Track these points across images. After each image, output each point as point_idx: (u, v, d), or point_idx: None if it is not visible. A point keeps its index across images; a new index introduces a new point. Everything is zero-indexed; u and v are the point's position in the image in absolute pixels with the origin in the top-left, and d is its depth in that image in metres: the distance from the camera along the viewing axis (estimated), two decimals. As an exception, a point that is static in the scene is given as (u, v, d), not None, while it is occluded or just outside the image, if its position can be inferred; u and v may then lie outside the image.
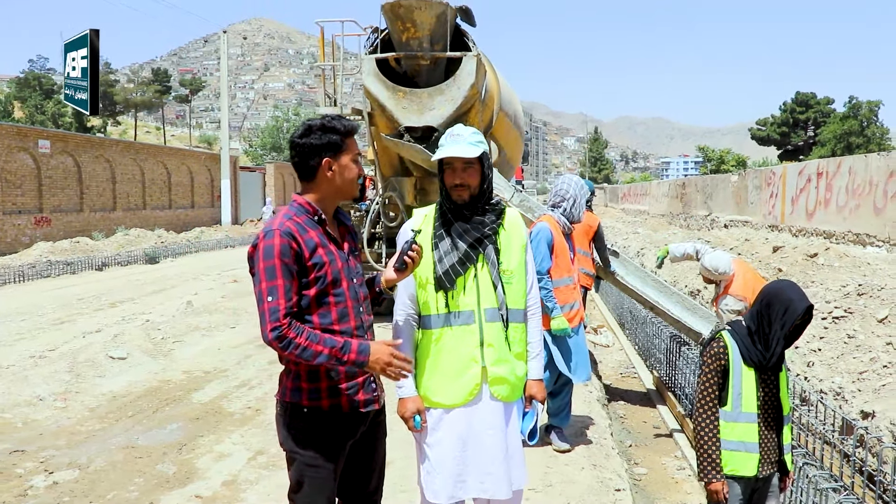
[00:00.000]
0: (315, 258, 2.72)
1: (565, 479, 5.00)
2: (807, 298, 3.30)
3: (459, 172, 3.08)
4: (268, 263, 2.65)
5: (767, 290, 3.38)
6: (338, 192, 2.87)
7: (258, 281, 2.67)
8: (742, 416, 3.34)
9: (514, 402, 3.17)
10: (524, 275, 3.22)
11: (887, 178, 17.88)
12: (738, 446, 3.35)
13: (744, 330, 3.39)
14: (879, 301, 8.88)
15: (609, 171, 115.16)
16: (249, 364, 8.46)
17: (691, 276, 14.86)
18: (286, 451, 2.85)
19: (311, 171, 2.81)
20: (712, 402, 3.36)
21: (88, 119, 72.00)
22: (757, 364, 3.34)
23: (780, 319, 3.25)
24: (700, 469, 3.39)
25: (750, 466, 3.35)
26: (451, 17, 9.49)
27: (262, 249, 2.68)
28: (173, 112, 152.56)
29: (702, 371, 3.44)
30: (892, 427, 6.15)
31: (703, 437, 3.36)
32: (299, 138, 2.79)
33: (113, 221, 28.04)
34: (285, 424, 2.83)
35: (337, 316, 2.78)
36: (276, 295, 2.62)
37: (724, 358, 3.36)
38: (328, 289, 2.76)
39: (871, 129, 54.37)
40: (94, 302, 13.25)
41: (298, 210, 2.81)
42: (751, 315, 3.40)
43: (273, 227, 2.71)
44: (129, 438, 5.93)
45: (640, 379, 9.08)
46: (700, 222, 32.58)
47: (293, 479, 2.86)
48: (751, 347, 3.33)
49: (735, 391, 3.34)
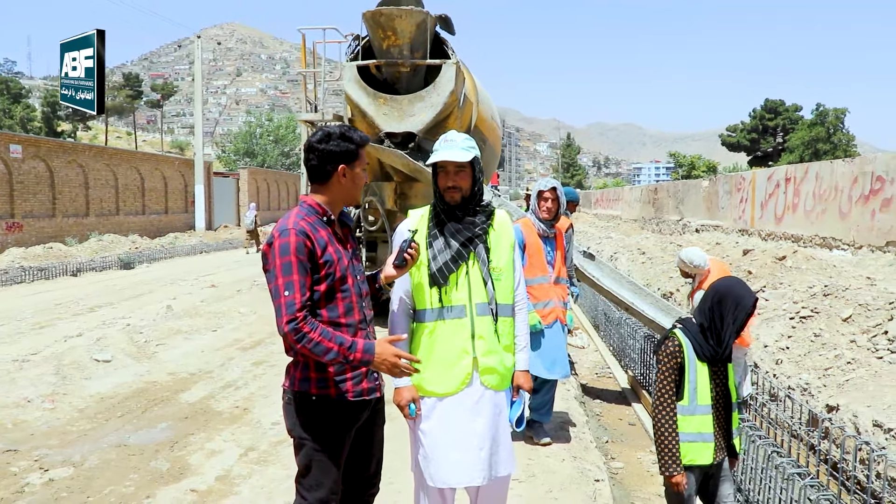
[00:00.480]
0: (326, 256, 2.91)
1: (547, 470, 5.21)
2: (753, 293, 3.55)
3: (452, 175, 3.29)
4: (284, 260, 2.82)
5: (717, 288, 3.59)
6: (346, 197, 3.08)
7: (274, 277, 2.83)
8: (698, 409, 3.55)
9: (502, 391, 3.37)
10: (512, 272, 3.43)
11: (852, 184, 18.35)
12: (695, 437, 3.55)
13: (695, 327, 3.60)
14: (844, 301, 9.19)
15: (582, 177, 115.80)
16: (233, 366, 8.59)
17: (664, 279, 15.17)
18: (295, 437, 3.02)
19: (326, 175, 3.00)
20: (671, 399, 3.55)
21: (58, 124, 71.34)
22: (710, 358, 3.56)
23: (731, 314, 3.48)
24: (661, 463, 3.58)
25: (706, 455, 3.57)
26: (430, 26, 9.68)
27: (278, 247, 2.84)
28: (144, 117, 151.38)
29: (658, 369, 3.62)
30: (855, 419, 6.44)
31: (664, 432, 3.54)
32: (318, 143, 2.98)
33: (86, 227, 27.88)
34: (294, 412, 2.99)
35: (344, 310, 2.98)
36: (292, 289, 2.79)
37: (680, 356, 3.55)
38: (336, 285, 2.95)
39: (837, 135, 55.32)
40: (73, 307, 13.25)
41: (309, 211, 2.99)
42: (701, 312, 3.60)
43: (288, 225, 2.88)
44: (121, 437, 6.04)
45: (616, 378, 9.30)
46: (672, 227, 33.04)
47: (301, 463, 3.02)
48: (703, 343, 3.55)
49: (691, 386, 3.54)
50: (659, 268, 16.90)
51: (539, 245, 5.77)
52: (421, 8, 9.50)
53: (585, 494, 4.84)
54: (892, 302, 8.70)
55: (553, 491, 4.85)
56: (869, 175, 17.65)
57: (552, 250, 5.87)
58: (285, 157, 63.57)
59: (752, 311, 3.54)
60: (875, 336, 8.09)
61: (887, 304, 8.67)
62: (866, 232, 17.48)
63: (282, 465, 5.37)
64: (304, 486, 3.03)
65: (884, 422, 6.23)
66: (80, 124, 77.72)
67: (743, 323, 3.53)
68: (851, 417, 6.62)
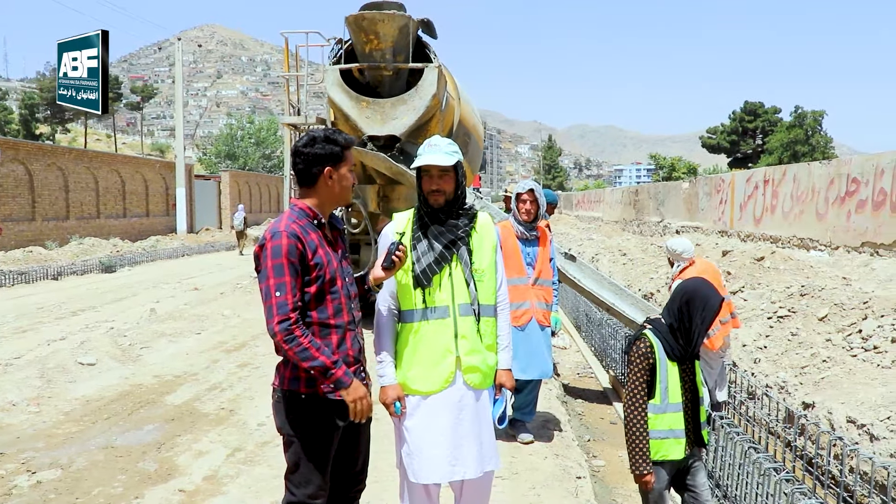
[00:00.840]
0: (316, 258, 3.00)
1: (530, 468, 5.32)
2: (719, 293, 3.67)
3: (436, 179, 3.38)
4: (276, 262, 2.90)
5: (685, 289, 3.70)
6: (335, 199, 3.15)
7: (265, 277, 2.91)
8: (670, 407, 3.66)
9: (485, 389, 3.47)
10: (494, 273, 3.53)
11: (828, 186, 18.62)
12: (667, 434, 3.66)
13: (665, 328, 3.71)
14: (820, 301, 9.36)
15: (563, 179, 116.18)
16: (218, 368, 8.62)
17: (645, 280, 15.32)
18: (284, 435, 3.10)
19: (313, 179, 3.08)
20: (642, 399, 3.65)
21: (36, 126, 70.80)
22: (679, 358, 3.67)
23: (700, 314, 3.59)
24: (632, 462, 3.67)
25: (678, 451, 3.69)
26: (413, 30, 9.77)
27: (270, 249, 2.93)
28: (124, 119, 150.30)
29: (630, 370, 3.72)
30: (830, 416, 6.58)
31: (634, 432, 3.64)
32: (303, 147, 3.06)
33: (66, 230, 27.73)
34: (284, 410, 3.07)
35: (333, 311, 3.07)
36: (284, 291, 2.88)
37: (652, 357, 3.65)
38: (326, 287, 3.04)
39: (815, 137, 55.91)
40: (55, 311, 13.23)
41: (300, 214, 3.07)
42: (670, 312, 3.71)
43: (280, 228, 2.96)
44: (108, 439, 6.08)
45: (597, 378, 9.41)
46: (653, 228, 33.29)
47: (290, 460, 3.10)
48: (673, 343, 3.66)
49: (662, 385, 3.65)
50: (640, 269, 17.06)
51: (516, 247, 5.86)
52: (403, 12, 9.58)
53: (567, 491, 4.94)
54: (866, 301, 8.88)
55: (536, 488, 4.95)
56: (845, 177, 17.93)
57: (533, 252, 5.96)
58: (267, 159, 63.39)
59: (718, 311, 3.66)
60: (850, 335, 8.26)
61: (861, 304, 8.85)
62: (842, 233, 17.75)
63: (268, 465, 5.44)
64: (293, 483, 3.11)
65: (857, 418, 6.38)
66: (58, 127, 77.14)
67: (711, 322, 3.65)
68: (826, 414, 6.77)
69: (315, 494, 3.10)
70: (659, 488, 3.71)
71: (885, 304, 8.58)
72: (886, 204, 16.03)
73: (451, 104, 10.67)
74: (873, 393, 6.70)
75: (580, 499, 4.88)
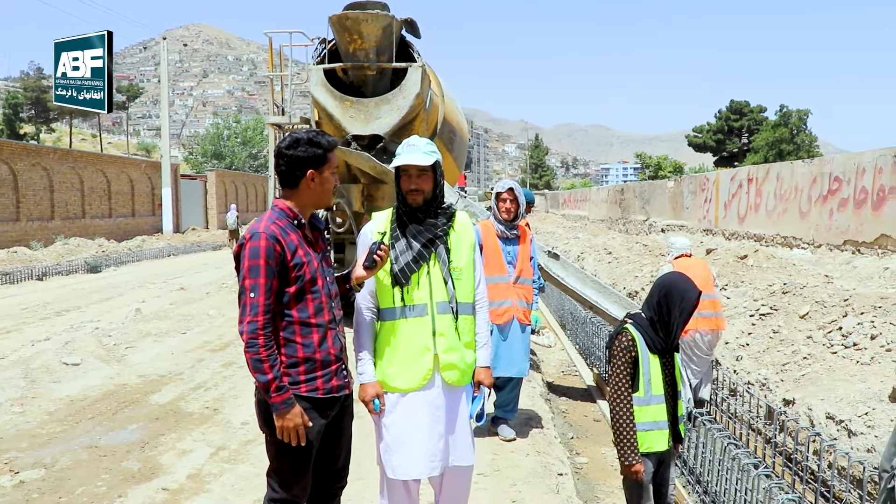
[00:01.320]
0: (296, 259, 3.03)
1: (511, 465, 5.37)
2: (697, 288, 3.75)
3: (414, 178, 3.42)
4: (252, 263, 2.94)
5: (663, 283, 3.79)
6: (316, 201, 3.19)
7: (242, 277, 2.96)
8: (653, 399, 3.74)
9: (463, 386, 3.51)
10: (472, 271, 3.57)
11: (811, 184, 18.76)
12: (651, 426, 3.74)
13: (645, 321, 3.78)
14: (802, 299, 9.46)
15: (550, 178, 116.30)
16: (203, 367, 8.63)
17: (629, 279, 15.41)
18: (266, 433, 3.13)
19: (295, 180, 3.10)
20: (627, 391, 3.72)
21: (20, 126, 70.31)
22: (660, 350, 3.75)
23: (678, 307, 3.68)
24: (620, 453, 3.75)
25: (662, 442, 3.77)
26: (396, 29, 9.79)
27: (248, 249, 2.96)
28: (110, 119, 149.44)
29: (613, 364, 3.79)
30: (809, 412, 6.67)
31: (622, 423, 3.72)
32: (286, 149, 3.08)
33: (51, 231, 27.58)
34: (265, 409, 3.09)
35: (314, 310, 3.10)
36: (257, 292, 2.92)
37: (634, 350, 3.72)
38: (306, 286, 3.07)
39: (800, 136, 56.20)
40: (40, 311, 13.19)
41: (280, 214, 3.10)
42: (650, 306, 3.80)
43: (259, 229, 2.99)
44: (92, 439, 6.08)
45: (581, 376, 9.47)
46: (638, 227, 33.43)
47: (273, 458, 3.15)
48: (654, 336, 3.74)
49: (645, 378, 3.72)
50: (625, 267, 17.15)
51: (496, 245, 5.91)
52: (387, 12, 9.60)
53: (548, 487, 4.99)
54: (846, 299, 8.97)
55: (517, 484, 5.00)
56: (827, 176, 18.08)
57: (513, 251, 6.01)
58: (253, 158, 63.22)
59: (696, 304, 3.73)
60: (830, 332, 8.35)
61: (842, 301, 8.94)
62: (825, 231, 17.90)
63: (251, 464, 5.47)
64: (275, 481, 3.15)
65: (836, 414, 6.47)
66: (43, 126, 76.69)
67: (689, 314, 3.73)
68: (807, 410, 6.86)
69: (296, 493, 3.14)
70: (646, 481, 3.78)
71: (864, 302, 8.68)
72: (867, 202, 16.17)
73: (435, 103, 10.71)
74: (852, 389, 6.79)
75: (561, 495, 4.94)
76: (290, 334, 3.06)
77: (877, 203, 15.83)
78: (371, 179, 10.46)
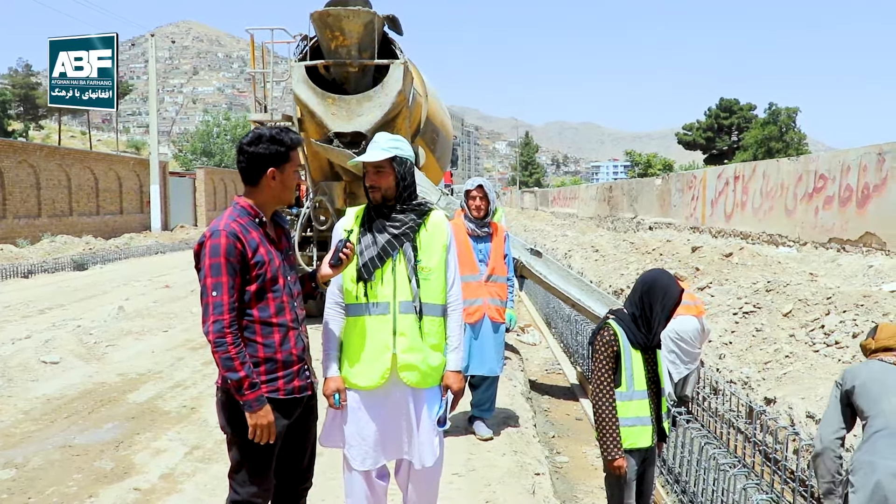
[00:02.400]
0: (257, 257, 2.97)
1: (487, 464, 5.32)
2: (678, 284, 3.76)
3: (371, 175, 3.39)
4: (213, 261, 2.88)
5: (645, 279, 3.80)
6: (277, 199, 3.12)
7: (203, 276, 2.90)
8: (636, 395, 3.73)
9: (424, 388, 3.44)
10: (443, 272, 3.52)
11: (796, 182, 18.81)
12: (635, 421, 3.73)
13: (627, 317, 3.78)
14: (785, 296, 9.46)
15: (540, 176, 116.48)
16: (183, 366, 8.58)
17: (615, 277, 15.41)
18: (228, 433, 3.10)
19: (256, 178, 3.05)
20: (609, 386, 3.71)
21: (9, 123, 69.91)
22: (642, 345, 3.74)
23: (660, 302, 3.67)
24: (603, 448, 3.74)
25: (646, 438, 3.76)
26: (378, 26, 9.74)
27: (208, 247, 2.90)
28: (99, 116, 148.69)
29: (595, 359, 3.79)
30: (790, 411, 6.65)
31: (604, 418, 3.70)
32: (248, 146, 3.02)
33: (38, 228, 27.40)
34: (226, 409, 3.06)
35: (275, 310, 3.05)
36: (220, 290, 2.86)
37: (616, 344, 3.72)
38: (267, 285, 3.02)
39: (789, 134, 56.37)
40: (22, 309, 13.09)
41: (241, 212, 3.04)
42: (632, 302, 3.80)
43: (219, 227, 2.93)
44: (66, 438, 6.02)
45: (565, 374, 9.46)
46: (626, 225, 33.47)
47: (234, 459, 3.11)
48: (636, 332, 3.74)
49: (627, 373, 3.72)
50: (611, 265, 17.16)
51: (467, 243, 5.86)
52: (369, 8, 9.55)
53: (524, 487, 4.95)
54: (829, 297, 8.98)
55: (492, 484, 4.95)
56: (812, 173, 18.13)
57: (485, 248, 5.96)
58: (243, 156, 63.01)
59: (678, 300, 3.72)
60: (812, 330, 8.35)
61: (825, 299, 8.95)
62: (810, 229, 17.95)
63: (226, 463, 5.33)
64: (237, 482, 3.11)
65: (816, 413, 6.45)
66: (31, 124, 76.26)
67: (670, 310, 3.72)
68: (787, 409, 6.84)
69: (258, 493, 3.09)
70: (629, 477, 3.76)
71: (847, 300, 8.69)
72: (852, 200, 16.21)
73: (418, 101, 10.66)
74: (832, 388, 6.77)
75: (537, 496, 4.90)
76: (250, 334, 3.01)
77: (861, 201, 15.87)
78: (353, 177, 10.40)
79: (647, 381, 3.78)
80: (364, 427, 3.38)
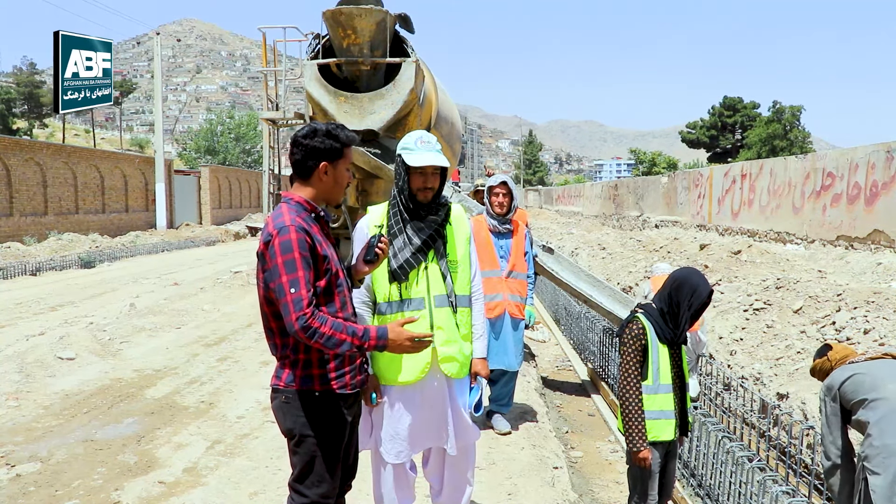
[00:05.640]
0: (323, 251, 2.92)
1: (507, 458, 5.39)
2: (709, 284, 3.81)
3: (430, 177, 3.42)
4: (286, 257, 2.79)
5: (676, 276, 3.85)
6: (327, 195, 3.06)
7: (278, 275, 2.80)
8: (661, 388, 3.79)
9: (461, 378, 3.53)
10: (468, 264, 3.59)
11: (804, 180, 18.82)
12: (659, 415, 3.79)
13: (655, 312, 3.84)
14: (795, 293, 9.49)
15: (543, 174, 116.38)
16: (198, 362, 8.63)
17: (623, 274, 15.44)
18: (296, 436, 3.00)
19: (308, 171, 2.99)
20: (636, 379, 3.77)
21: (13, 121, 70.04)
22: (669, 341, 3.79)
23: (687, 301, 3.73)
24: (629, 440, 3.80)
25: (669, 431, 3.82)
26: (390, 24, 9.77)
27: (278, 245, 2.81)
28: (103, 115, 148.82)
29: (623, 351, 3.84)
30: (803, 406, 6.70)
31: (631, 410, 3.76)
32: (303, 138, 2.97)
33: (44, 226, 27.47)
34: (297, 411, 2.97)
35: (340, 305, 3.02)
36: (297, 286, 2.77)
37: (644, 338, 3.78)
38: (333, 280, 2.98)
39: (793, 132, 56.29)
40: (34, 306, 13.16)
41: (299, 208, 2.97)
42: (661, 298, 3.86)
43: (286, 222, 2.84)
44: (87, 433, 6.09)
45: (575, 371, 9.50)
46: (632, 223, 33.47)
47: (302, 461, 3.02)
48: (664, 326, 3.79)
49: (654, 367, 3.77)
50: (619, 262, 17.18)
51: (488, 239, 5.91)
52: (380, 7, 9.58)
53: (544, 480, 5.01)
54: (839, 294, 9.01)
55: (513, 477, 5.02)
56: (820, 171, 18.14)
57: (506, 245, 6.01)
58: (247, 154, 63.07)
59: (707, 301, 3.78)
60: (823, 326, 8.38)
61: (835, 296, 8.98)
62: (818, 227, 17.96)
63: (248, 457, 5.48)
64: (306, 485, 3.02)
65: (829, 407, 6.49)
66: (36, 122, 76.40)
67: (698, 310, 3.77)
68: (800, 404, 6.89)
69: (328, 493, 3.03)
70: (653, 469, 3.82)
71: (857, 297, 8.72)
72: (860, 198, 16.23)
73: (429, 99, 10.69)
74: (845, 383, 6.81)
75: (556, 489, 4.96)
76: None
77: (870, 198, 15.89)
78: (365, 174, 10.44)
79: (673, 376, 3.84)
80: (398, 422, 3.42)
